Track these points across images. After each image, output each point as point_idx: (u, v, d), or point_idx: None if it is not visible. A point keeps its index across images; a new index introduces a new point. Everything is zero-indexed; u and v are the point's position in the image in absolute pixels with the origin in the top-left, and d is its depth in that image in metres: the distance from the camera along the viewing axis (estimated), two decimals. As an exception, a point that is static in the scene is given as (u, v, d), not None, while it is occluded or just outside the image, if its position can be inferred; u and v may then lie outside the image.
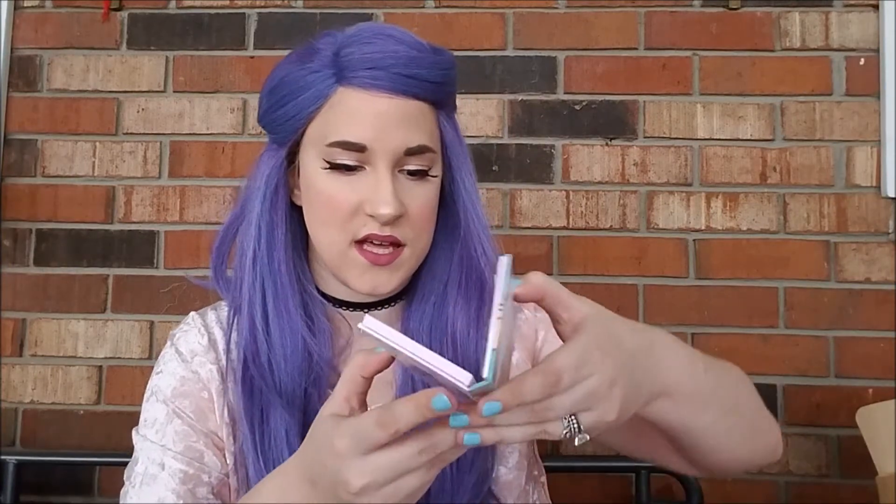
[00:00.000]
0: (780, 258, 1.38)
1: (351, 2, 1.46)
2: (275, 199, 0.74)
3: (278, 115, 0.72)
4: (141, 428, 0.74)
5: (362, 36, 0.70)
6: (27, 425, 1.41)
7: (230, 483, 0.73)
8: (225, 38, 1.48)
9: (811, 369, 1.36)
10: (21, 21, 1.50)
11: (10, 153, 1.47)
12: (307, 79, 0.70)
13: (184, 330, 0.78)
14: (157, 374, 0.76)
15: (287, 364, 0.71)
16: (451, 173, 0.75)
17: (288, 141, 0.73)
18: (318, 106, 0.70)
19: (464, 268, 0.76)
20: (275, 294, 0.73)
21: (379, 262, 0.70)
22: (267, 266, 0.73)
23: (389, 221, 0.68)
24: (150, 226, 1.45)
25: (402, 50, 0.69)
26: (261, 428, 0.71)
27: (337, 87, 0.69)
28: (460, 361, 0.70)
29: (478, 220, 0.75)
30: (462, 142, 0.76)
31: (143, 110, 1.47)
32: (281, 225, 0.74)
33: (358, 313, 0.77)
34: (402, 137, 0.69)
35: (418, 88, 0.69)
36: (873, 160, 1.39)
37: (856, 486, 1.33)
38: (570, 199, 1.42)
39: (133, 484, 0.71)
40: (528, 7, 1.45)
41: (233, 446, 0.73)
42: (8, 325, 1.43)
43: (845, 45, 1.41)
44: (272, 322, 0.72)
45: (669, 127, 1.42)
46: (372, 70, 0.68)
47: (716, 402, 0.65)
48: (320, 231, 0.72)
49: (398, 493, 0.50)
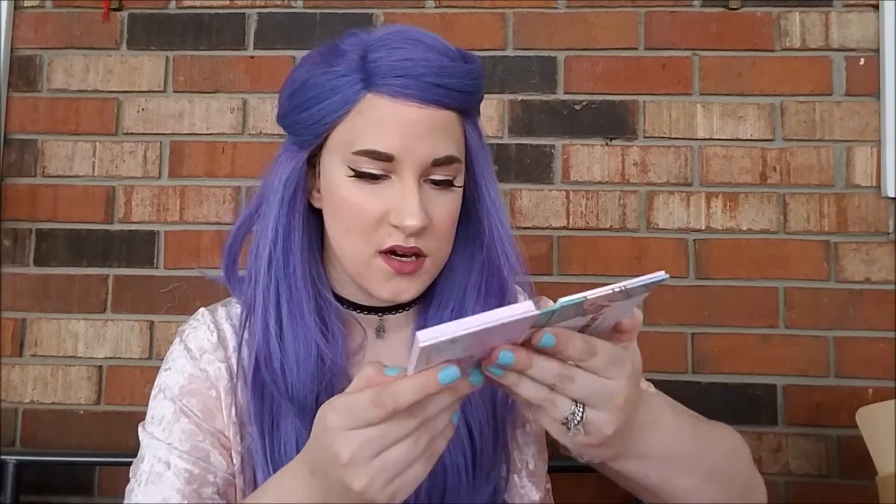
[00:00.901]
0: (780, 258, 1.38)
1: (351, 2, 1.46)
2: (293, 202, 0.73)
3: (302, 118, 0.71)
4: (148, 424, 0.74)
5: (392, 40, 0.68)
6: (27, 425, 1.41)
7: (236, 483, 0.73)
8: (225, 38, 1.48)
9: (811, 369, 1.36)
10: (21, 21, 1.50)
11: (10, 153, 1.47)
12: (333, 83, 0.68)
13: (193, 326, 0.77)
14: (166, 370, 0.76)
15: (300, 370, 0.71)
16: (474, 180, 0.74)
17: (310, 144, 0.72)
18: (345, 112, 0.68)
19: (485, 275, 0.75)
20: (289, 298, 0.72)
21: (404, 270, 0.69)
22: (283, 270, 0.72)
23: (415, 233, 0.68)
24: (150, 226, 1.45)
25: (434, 58, 0.67)
26: (271, 433, 0.71)
27: (365, 93, 0.68)
28: None
29: (501, 226, 0.75)
30: (485, 148, 0.75)
31: (143, 110, 1.47)
32: (298, 229, 0.73)
33: (373, 316, 0.77)
34: (431, 147, 0.68)
35: (448, 98, 0.68)
36: (873, 160, 1.39)
37: (856, 486, 1.33)
38: (570, 199, 1.42)
39: (139, 481, 0.70)
40: (528, 7, 1.45)
41: (240, 446, 0.73)
42: (8, 325, 1.43)
43: (845, 45, 1.41)
44: (286, 327, 0.72)
45: (669, 127, 1.42)
46: (402, 78, 0.66)
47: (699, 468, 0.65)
48: (344, 239, 0.71)
49: (388, 466, 0.50)
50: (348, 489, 0.51)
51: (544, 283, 1.39)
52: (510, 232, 0.76)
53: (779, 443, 1.35)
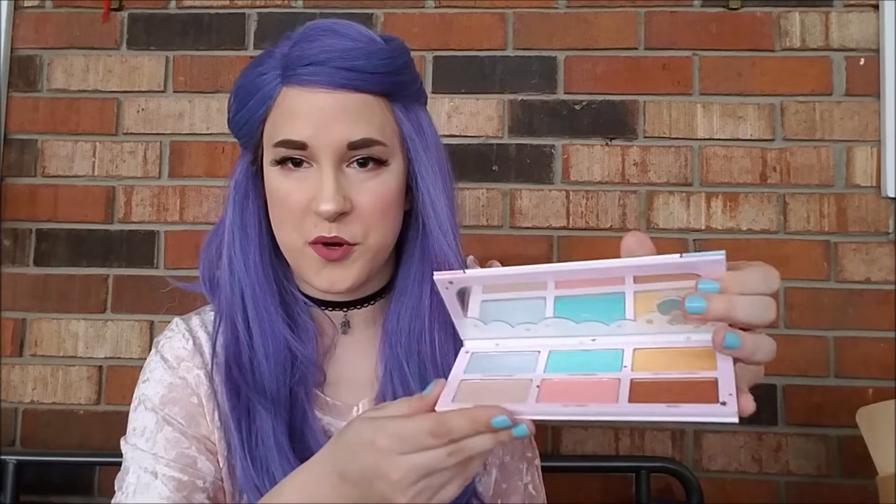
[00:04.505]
0: (780, 258, 1.38)
1: (351, 1, 1.46)
2: (245, 202, 0.75)
3: (238, 120, 0.74)
4: (130, 437, 0.73)
5: (308, 34, 0.70)
6: (27, 425, 1.41)
7: (225, 487, 0.73)
8: (225, 38, 1.48)
9: (811, 369, 1.36)
10: (21, 21, 1.50)
11: (10, 153, 1.47)
12: (256, 82, 0.71)
13: (168, 336, 0.78)
14: (144, 382, 0.75)
15: (269, 364, 0.72)
16: (410, 166, 0.73)
17: (250, 144, 0.74)
18: (268, 108, 0.70)
19: (427, 261, 0.75)
20: (253, 296, 0.73)
21: (330, 257, 0.69)
22: (243, 269, 0.74)
23: (332, 218, 0.68)
24: (150, 226, 1.45)
25: (340, 43, 0.68)
26: (247, 428, 0.71)
27: (281, 87, 0.69)
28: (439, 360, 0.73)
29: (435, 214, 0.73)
30: (425, 133, 0.74)
31: (143, 110, 1.47)
32: (253, 227, 0.74)
33: (338, 312, 0.78)
34: (343, 131, 0.67)
35: (359, 81, 0.68)
36: (873, 160, 1.39)
37: (856, 486, 1.33)
38: (570, 199, 1.42)
39: (126, 494, 0.70)
40: (528, 7, 1.45)
41: (225, 450, 0.73)
42: (8, 325, 1.43)
43: (845, 45, 1.41)
44: (252, 323, 0.73)
45: (669, 127, 1.42)
46: (310, 66, 0.67)
47: None
48: (280, 231, 0.72)
49: (428, 489, 0.53)
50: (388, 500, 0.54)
51: (544, 283, 1.39)
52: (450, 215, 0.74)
53: (779, 443, 1.35)
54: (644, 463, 1.30)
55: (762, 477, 1.35)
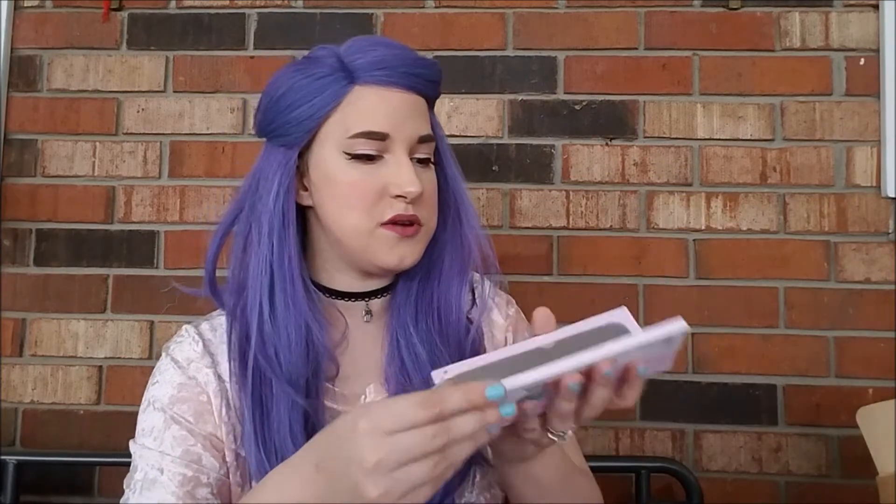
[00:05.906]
0: (780, 258, 1.38)
1: (351, 1, 1.46)
2: (287, 195, 0.78)
3: (292, 118, 0.77)
4: (138, 438, 0.75)
5: (362, 45, 0.78)
6: (27, 425, 1.41)
7: (231, 481, 0.75)
8: (225, 38, 1.48)
9: (811, 369, 1.36)
10: (21, 21, 1.50)
11: (10, 153, 1.47)
12: (318, 83, 0.76)
13: (177, 341, 0.80)
14: (154, 384, 0.78)
15: (292, 354, 0.74)
16: (441, 161, 0.83)
17: (300, 142, 0.77)
18: (335, 104, 0.76)
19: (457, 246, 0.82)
20: (283, 288, 0.76)
21: (407, 233, 0.76)
22: (278, 259, 0.76)
23: (414, 200, 0.75)
24: (150, 226, 1.45)
25: (404, 53, 0.78)
26: (261, 419, 0.73)
27: (352, 86, 0.76)
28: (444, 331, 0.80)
29: (467, 202, 0.83)
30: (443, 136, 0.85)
31: (143, 110, 1.47)
32: (292, 222, 0.78)
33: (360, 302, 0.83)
34: (415, 127, 0.77)
35: (421, 85, 0.78)
36: (873, 160, 1.39)
37: (856, 486, 1.33)
38: (570, 199, 1.42)
39: (134, 490, 0.72)
40: (528, 7, 1.45)
41: (233, 444, 0.75)
42: (8, 325, 1.43)
43: (845, 45, 1.41)
44: (279, 313, 0.76)
45: (669, 127, 1.42)
46: (385, 69, 0.76)
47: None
48: (346, 217, 0.76)
49: (406, 479, 0.51)
50: (360, 494, 0.52)
51: (544, 284, 1.39)
52: (474, 207, 0.84)
53: (779, 443, 1.35)
54: (644, 463, 1.30)
55: (762, 477, 1.35)
